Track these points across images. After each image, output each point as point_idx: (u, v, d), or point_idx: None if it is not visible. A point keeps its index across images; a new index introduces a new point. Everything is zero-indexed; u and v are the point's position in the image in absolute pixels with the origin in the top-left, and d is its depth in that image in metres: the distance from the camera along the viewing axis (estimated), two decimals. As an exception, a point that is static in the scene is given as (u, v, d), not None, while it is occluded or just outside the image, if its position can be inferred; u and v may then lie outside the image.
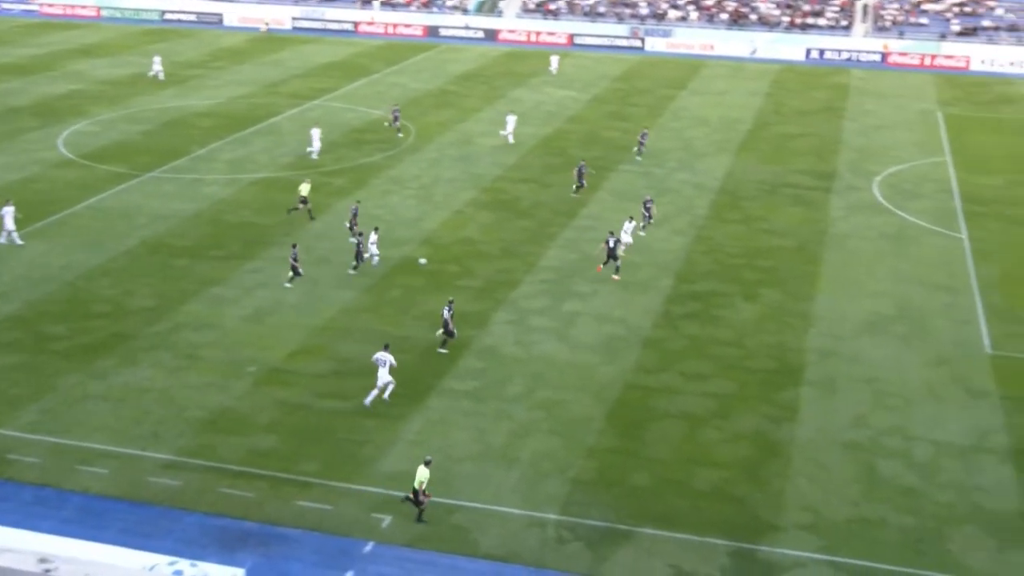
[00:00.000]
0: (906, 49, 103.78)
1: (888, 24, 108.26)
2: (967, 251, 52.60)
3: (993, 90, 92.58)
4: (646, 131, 68.89)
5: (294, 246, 47.23)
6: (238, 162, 64.36)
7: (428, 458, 30.99)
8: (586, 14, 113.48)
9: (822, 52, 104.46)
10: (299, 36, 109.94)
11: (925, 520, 31.07)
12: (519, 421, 35.89)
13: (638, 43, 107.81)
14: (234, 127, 72.38)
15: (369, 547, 29.30)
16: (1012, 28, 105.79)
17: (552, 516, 30.87)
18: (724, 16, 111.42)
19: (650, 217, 53.87)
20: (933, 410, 37.12)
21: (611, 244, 48.00)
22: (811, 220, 56.39)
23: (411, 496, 30.39)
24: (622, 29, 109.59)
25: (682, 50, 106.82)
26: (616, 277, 47.53)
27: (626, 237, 49.97)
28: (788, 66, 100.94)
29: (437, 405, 36.75)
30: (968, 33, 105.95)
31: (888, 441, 35.13)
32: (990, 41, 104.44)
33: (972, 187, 63.20)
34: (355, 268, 47.74)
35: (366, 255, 48.52)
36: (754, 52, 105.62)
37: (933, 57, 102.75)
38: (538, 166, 65.14)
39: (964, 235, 54.88)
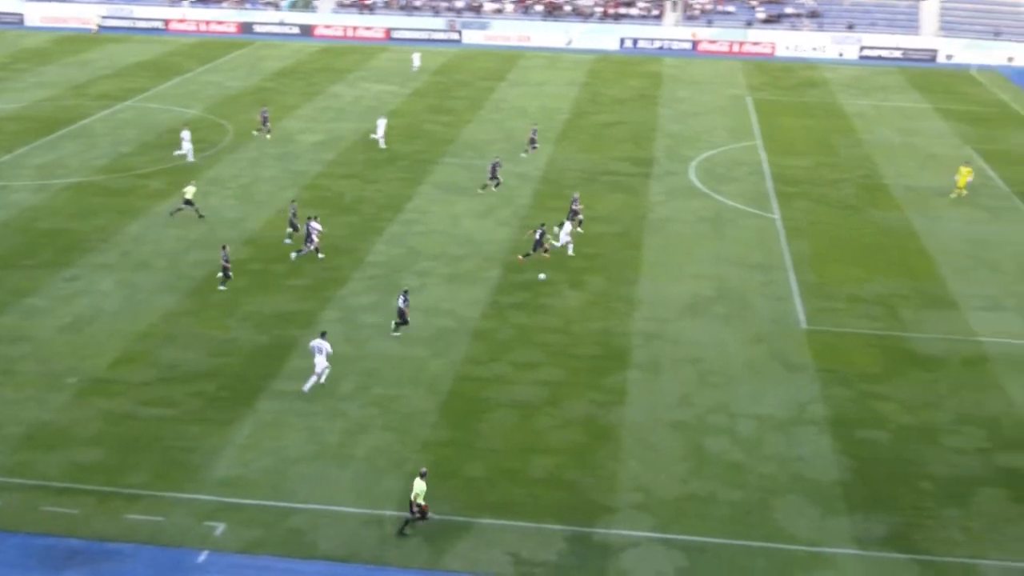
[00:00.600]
0: (715, 37, 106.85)
1: (697, 13, 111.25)
2: (780, 231, 54.50)
3: (798, 75, 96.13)
4: (536, 127, 69.24)
5: (224, 247, 46.06)
6: (47, 167, 61.89)
7: (423, 470, 30.31)
8: (402, 8, 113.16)
9: (635, 41, 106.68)
10: (106, 35, 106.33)
11: (751, 493, 32.11)
12: (353, 419, 35.61)
13: (456, 36, 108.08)
14: (41, 131, 69.57)
15: (203, 556, 28.64)
16: (813, 15, 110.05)
17: (390, 512, 30.74)
18: (539, 8, 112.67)
19: (577, 213, 53.59)
20: (754, 386, 38.38)
21: (537, 235, 48.59)
22: (631, 206, 57.55)
23: (412, 512, 29.72)
24: (439, 22, 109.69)
25: (499, 42, 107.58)
26: (543, 275, 47.40)
27: (564, 237, 49.66)
28: (603, 56, 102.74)
29: (268, 407, 36.15)
30: (772, 20, 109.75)
31: (713, 419, 36.16)
32: (793, 28, 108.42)
33: (782, 169, 65.50)
34: (319, 254, 49.13)
35: (310, 245, 49.00)
36: (570, 43, 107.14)
37: (741, 44, 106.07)
38: (360, 161, 64.66)
39: (777, 215, 56.85)
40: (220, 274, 45.66)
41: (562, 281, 47.23)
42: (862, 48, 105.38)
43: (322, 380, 37.31)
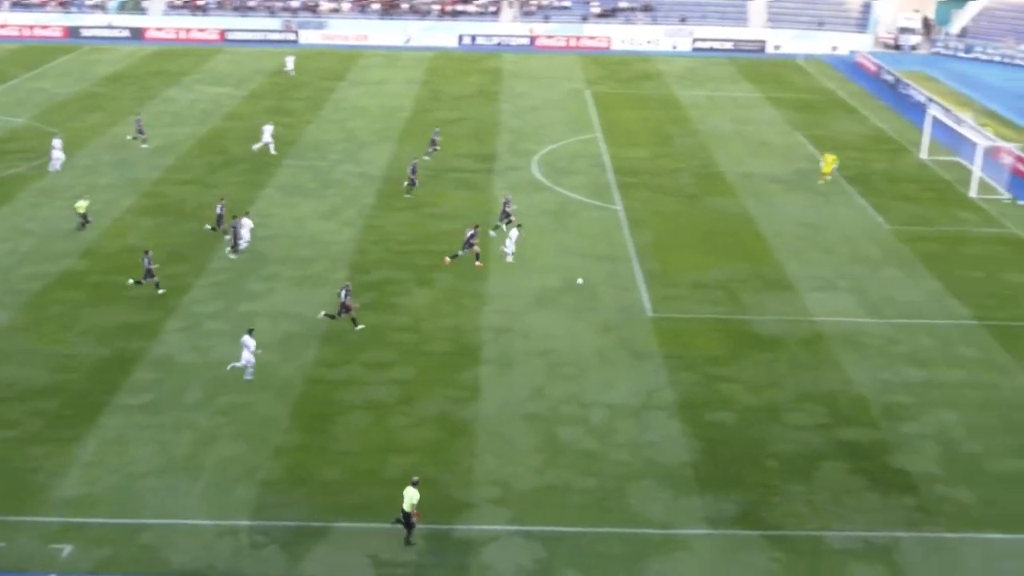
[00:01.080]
0: (552, 32, 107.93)
1: (534, 9, 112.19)
2: (623, 221, 55.40)
3: (634, 67, 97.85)
4: (438, 129, 68.81)
5: (147, 252, 45.24)
6: None
7: (415, 479, 30.00)
8: (236, 8, 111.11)
9: (474, 38, 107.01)
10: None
11: (606, 480, 32.59)
12: (201, 429, 34.85)
13: (292, 36, 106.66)
14: None
15: (51, 580, 27.68)
16: (647, 9, 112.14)
17: (244, 522, 30.20)
18: (376, 6, 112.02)
19: (509, 215, 52.92)
20: (604, 375, 38.94)
21: (468, 235, 48.41)
22: (477, 202, 57.73)
23: (400, 519, 29.43)
24: (275, 23, 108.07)
25: (337, 41, 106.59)
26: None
27: (511, 246, 48.99)
28: (442, 53, 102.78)
29: (112, 422, 35.09)
30: (608, 15, 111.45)
31: (566, 409, 36.57)
32: (628, 22, 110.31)
33: (622, 160, 66.60)
34: (233, 251, 49.37)
35: (241, 243, 49.47)
36: (408, 41, 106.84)
37: (577, 39, 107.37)
38: (199, 166, 63.28)
39: (619, 206, 57.78)
40: (147, 279, 44.96)
41: (410, 279, 47.09)
42: (694, 40, 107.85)
43: (247, 376, 37.75)
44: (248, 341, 38.01)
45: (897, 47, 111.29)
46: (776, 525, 30.65)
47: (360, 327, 41.96)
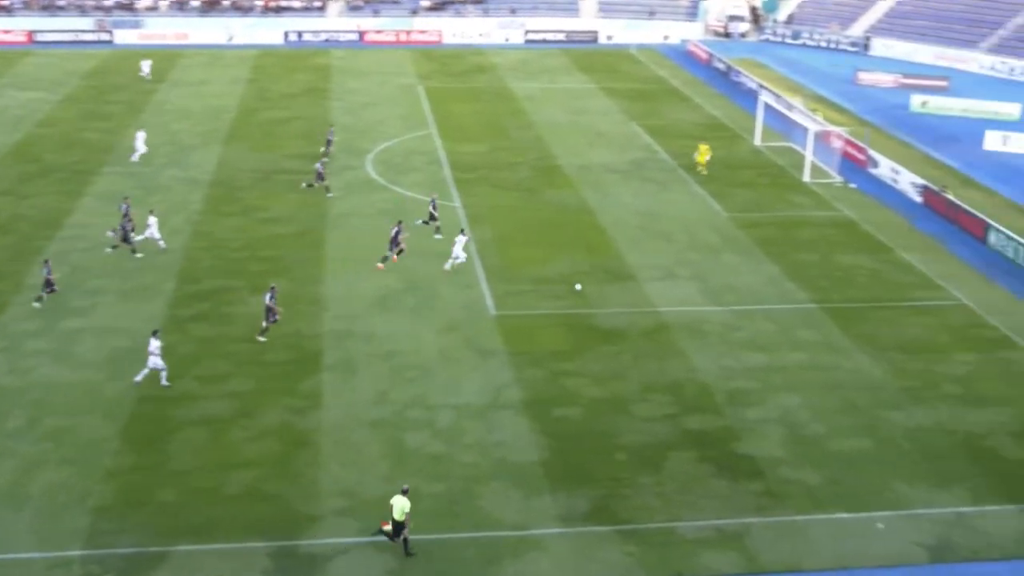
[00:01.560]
0: (381, 27, 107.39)
1: (361, 3, 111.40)
2: (462, 218, 55.46)
3: (467, 61, 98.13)
4: (332, 128, 67.85)
5: (46, 262, 43.86)
6: None
7: (405, 487, 29.69)
8: (45, 8, 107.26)
9: (300, 34, 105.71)
10: None
11: (455, 483, 32.58)
12: (24, 456, 33.51)
13: (107, 36, 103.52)
14: None
15: None
16: (477, 1, 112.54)
17: (77, 552, 29.16)
18: (196, 4, 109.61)
19: (435, 218, 52.08)
20: (449, 376, 38.92)
21: (393, 233, 48.46)
22: (310, 204, 57.01)
23: (387, 530, 29.19)
24: (87, 22, 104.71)
25: (155, 41, 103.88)
26: (395, 258, 48.04)
27: (460, 253, 48.01)
28: (267, 50, 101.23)
29: (-74, 454, 33.45)
30: (438, 8, 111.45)
31: (411, 413, 36.42)
32: (459, 15, 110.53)
33: (459, 156, 66.69)
34: (114, 248, 49.45)
35: (138, 237, 49.55)
36: (231, 39, 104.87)
37: (408, 33, 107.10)
38: (12, 176, 60.86)
39: (458, 203, 57.84)
40: (46, 291, 43.79)
41: (243, 287, 46.22)
42: (527, 32, 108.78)
43: (163, 382, 37.61)
44: (153, 344, 37.22)
45: (727, 35, 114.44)
46: (628, 519, 31.13)
47: (263, 339, 41.14)
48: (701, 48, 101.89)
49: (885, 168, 64.24)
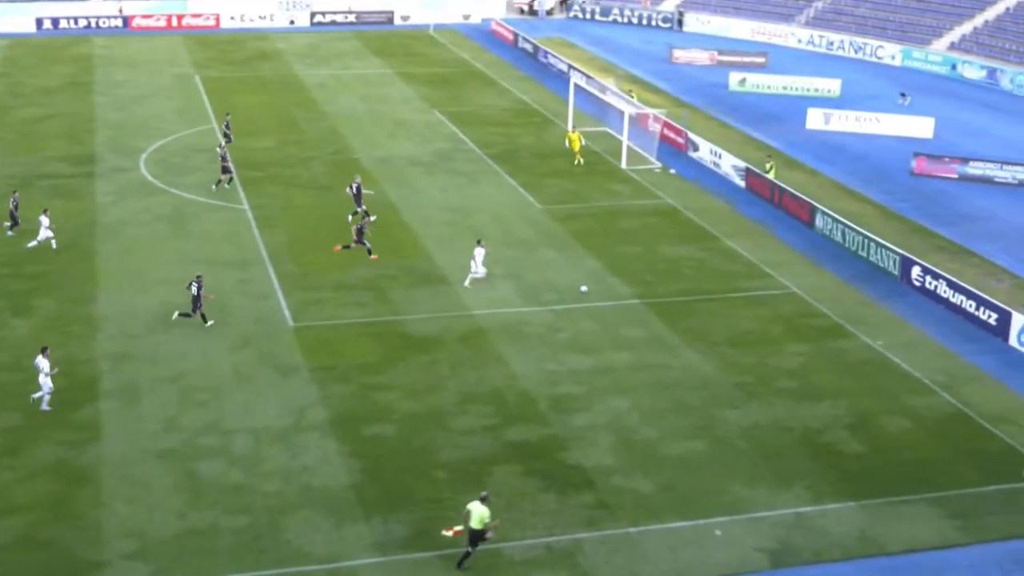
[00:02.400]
0: (150, 11, 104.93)
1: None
2: (251, 221, 54.67)
3: (248, 47, 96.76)
4: (229, 115, 67.52)
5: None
6: None
7: (484, 494, 30.24)
8: None
9: (56, 21, 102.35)
10: None
11: (258, 516, 32.06)
12: None
13: None
14: None
15: None
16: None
17: None
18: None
19: (359, 197, 54.62)
20: (246, 397, 38.30)
21: (361, 224, 50.30)
22: (77, 212, 55.28)
23: (472, 541, 29.77)
24: None
25: None
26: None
27: (480, 269, 47.43)
28: (19, 40, 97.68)
29: None
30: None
31: (205, 440, 35.68)
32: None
33: (245, 152, 65.69)
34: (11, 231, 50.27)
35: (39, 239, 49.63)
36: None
37: (180, 18, 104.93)
38: None
39: (246, 205, 56.97)
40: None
41: (4, 309, 44.48)
42: (313, 14, 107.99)
43: (44, 407, 37.05)
44: (41, 363, 36.56)
45: (532, 12, 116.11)
46: (450, 543, 31.17)
47: (210, 323, 43.13)
48: (505, 27, 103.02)
49: (705, 151, 66.20)
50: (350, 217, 54.29)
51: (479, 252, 48.05)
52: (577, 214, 56.93)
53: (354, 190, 54.85)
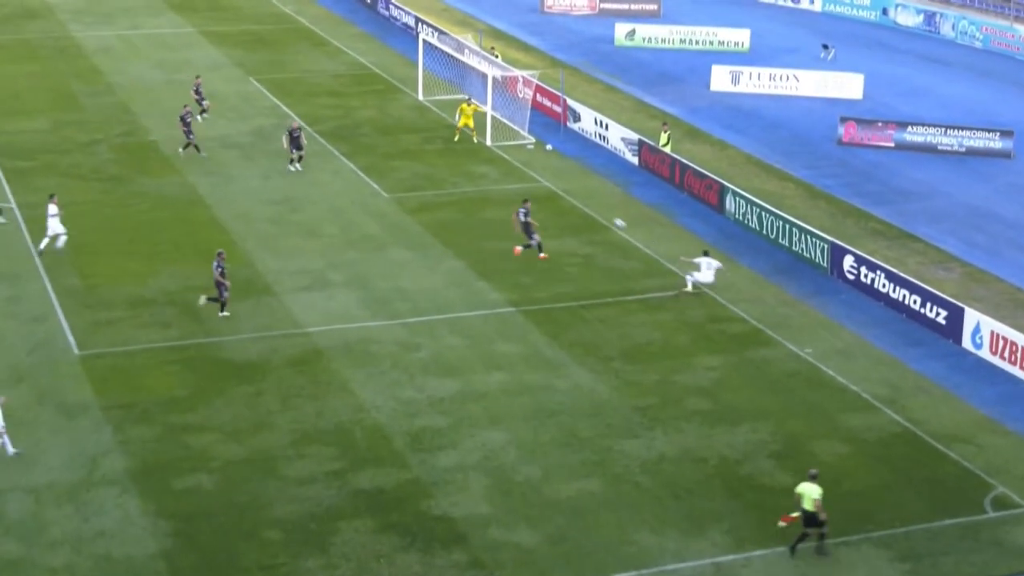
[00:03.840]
0: None
1: None
2: (21, 223, 53.69)
3: (6, 2, 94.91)
4: (199, 79, 68.14)
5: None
6: None
7: (813, 471, 33.23)
8: None
9: None
10: None
11: (40, 598, 31.47)
12: None
13: None
14: None
15: None
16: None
17: None
18: None
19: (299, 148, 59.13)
20: (22, 446, 37.52)
21: (522, 218, 51.21)
22: None
23: (809, 524, 32.75)
24: None
25: None
26: (543, 256, 50.80)
27: (707, 275, 47.83)
28: None
29: None
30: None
31: (-31, 504, 34.94)
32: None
33: (9, 137, 64.57)
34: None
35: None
36: None
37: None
38: None
39: (12, 202, 55.94)
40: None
41: None
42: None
43: (9, 452, 36.89)
44: None
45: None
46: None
47: (225, 314, 45.50)
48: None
49: (588, 121, 66.79)
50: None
51: (709, 262, 48.30)
52: (433, 203, 56.97)
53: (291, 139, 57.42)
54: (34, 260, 50.04)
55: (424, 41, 74.00)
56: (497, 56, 75.07)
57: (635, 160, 62.68)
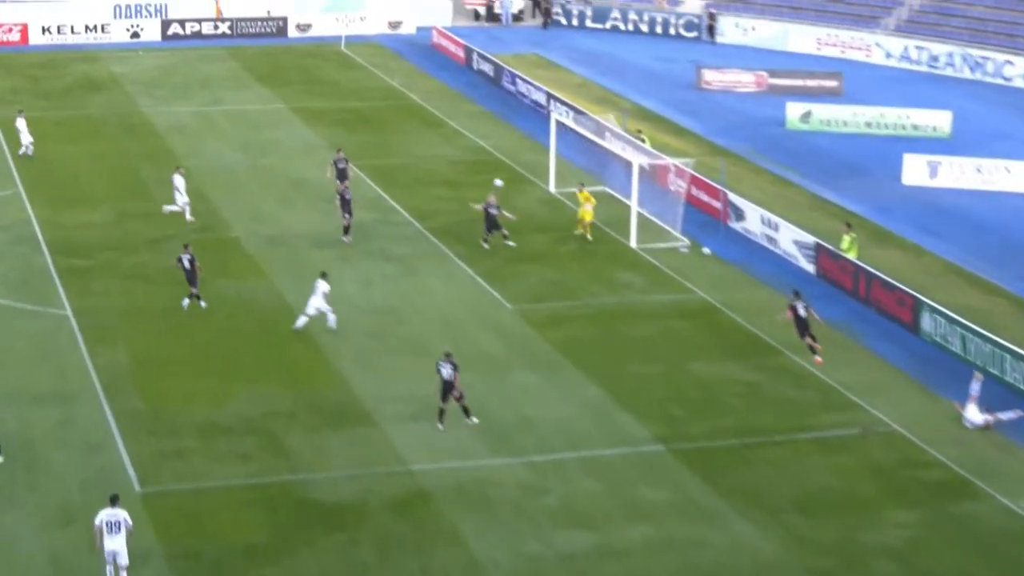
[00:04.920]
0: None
1: None
2: (76, 332, 54.27)
3: (70, 71, 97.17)
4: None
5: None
6: None
7: None
8: None
9: None
10: None
11: None
12: None
13: None
14: None
15: None
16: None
17: None
18: None
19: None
20: (69, 602, 37.72)
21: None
22: None
23: None
24: None
25: None
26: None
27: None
28: None
29: None
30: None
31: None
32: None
33: (65, 230, 65.36)
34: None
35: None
36: None
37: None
38: None
39: (68, 308, 56.57)
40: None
41: None
42: (166, 24, 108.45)
43: None
44: None
45: (494, 18, 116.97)
46: None
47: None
48: (453, 40, 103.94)
49: (754, 220, 66.33)
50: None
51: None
52: (566, 317, 56.75)
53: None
54: (91, 377, 50.45)
55: (557, 122, 74.16)
56: (644, 140, 75.07)
57: (811, 268, 62.12)
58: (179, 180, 57.64)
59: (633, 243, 64.84)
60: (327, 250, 63.72)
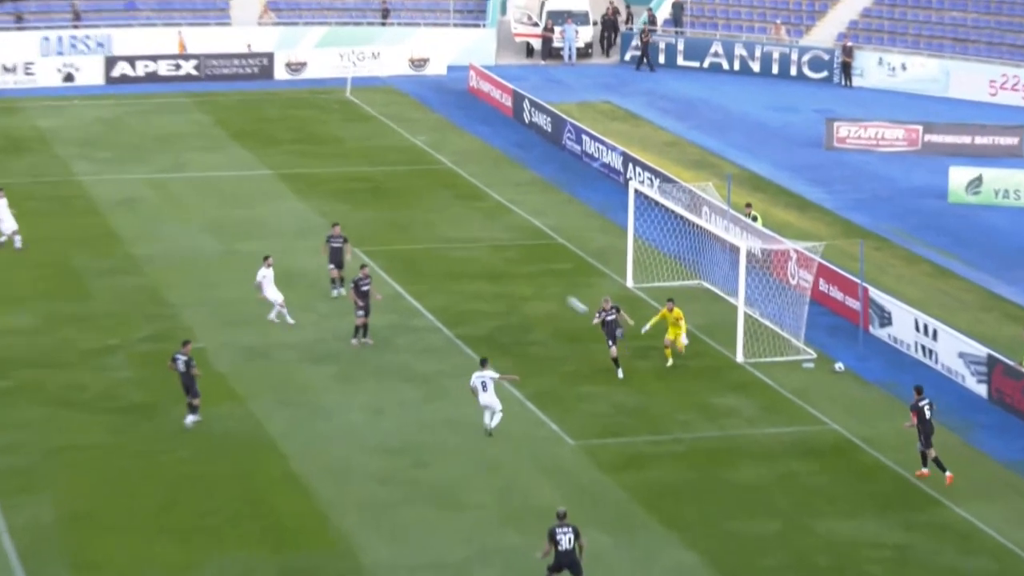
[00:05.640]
0: None
1: None
2: (-13, 476, 54.63)
3: None
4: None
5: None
6: None
7: None
8: None
9: None
10: None
11: None
12: None
13: None
14: None
15: None
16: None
17: None
18: None
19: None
20: None
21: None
22: None
23: None
24: None
25: None
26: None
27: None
28: None
29: None
30: None
31: None
32: None
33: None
34: None
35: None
36: None
37: None
38: None
39: (-28, 452, 56.98)
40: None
41: None
42: (111, 62, 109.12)
43: None
44: None
45: (552, 54, 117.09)
46: None
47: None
48: (497, 83, 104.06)
49: (905, 325, 66.20)
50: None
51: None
52: (647, 456, 56.68)
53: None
54: (4, 542, 50.58)
55: (637, 193, 74.25)
56: (756, 218, 75.16)
57: (982, 389, 61.88)
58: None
59: (739, 356, 64.78)
60: (324, 365, 63.88)
